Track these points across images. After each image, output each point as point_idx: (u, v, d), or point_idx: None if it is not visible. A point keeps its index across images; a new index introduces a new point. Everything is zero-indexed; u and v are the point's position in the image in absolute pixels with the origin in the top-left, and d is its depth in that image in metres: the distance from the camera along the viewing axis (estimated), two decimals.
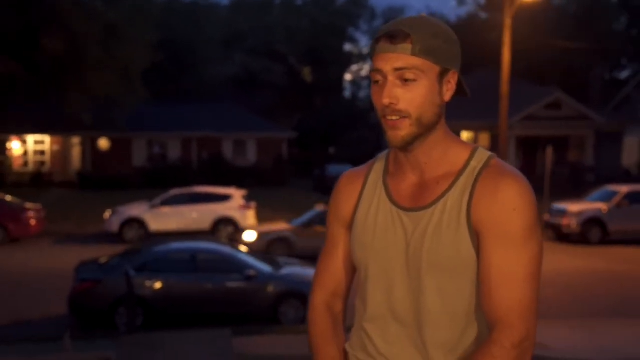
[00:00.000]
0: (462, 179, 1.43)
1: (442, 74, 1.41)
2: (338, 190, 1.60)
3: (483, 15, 41.17)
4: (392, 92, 1.39)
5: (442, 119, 1.45)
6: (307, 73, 44.60)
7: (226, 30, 41.75)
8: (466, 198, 1.40)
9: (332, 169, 28.44)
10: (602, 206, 15.54)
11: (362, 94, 52.17)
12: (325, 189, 26.98)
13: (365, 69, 50.78)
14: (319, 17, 45.63)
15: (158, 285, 8.59)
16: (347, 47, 49.88)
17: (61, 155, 29.07)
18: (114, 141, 28.91)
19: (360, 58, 50.27)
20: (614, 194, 15.93)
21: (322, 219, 13.24)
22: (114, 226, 15.65)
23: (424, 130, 1.42)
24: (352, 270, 1.60)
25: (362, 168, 1.60)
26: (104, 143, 28.89)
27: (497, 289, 1.36)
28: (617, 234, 15.48)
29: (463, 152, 1.47)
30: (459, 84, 1.47)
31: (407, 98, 1.39)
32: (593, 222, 15.28)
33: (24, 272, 12.51)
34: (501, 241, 1.36)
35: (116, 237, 15.47)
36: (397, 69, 1.38)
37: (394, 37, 1.38)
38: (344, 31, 48.03)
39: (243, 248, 10.44)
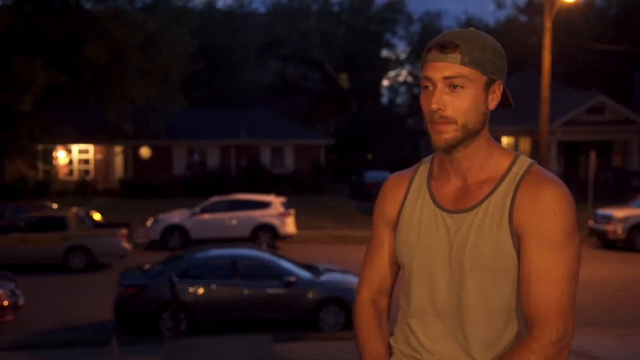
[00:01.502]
0: (504, 184, 1.50)
1: (488, 84, 1.50)
2: (384, 192, 1.68)
3: (522, 18, 40.63)
4: (440, 99, 1.47)
5: (486, 127, 1.53)
6: (343, 79, 44.64)
7: (262, 37, 42.12)
8: (508, 202, 1.48)
9: (369, 175, 28.38)
10: None
11: (399, 99, 52.01)
12: (362, 195, 26.95)
13: (403, 74, 50.60)
14: (356, 23, 45.65)
15: (200, 291, 8.72)
16: (384, 52, 49.79)
17: (104, 164, 29.71)
18: (154, 149, 29.41)
19: (398, 63, 50.10)
20: None
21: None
22: (156, 233, 15.92)
23: (468, 135, 1.49)
24: (397, 268, 1.67)
25: (407, 171, 1.68)
26: (145, 151, 29.43)
27: (536, 289, 1.43)
28: None
29: (505, 159, 1.54)
30: (504, 95, 1.55)
31: (454, 105, 1.46)
32: (637, 228, 14.91)
33: (72, 279, 12.82)
34: (542, 243, 1.43)
35: (158, 244, 15.74)
36: (446, 77, 1.46)
37: (444, 47, 1.47)
38: (381, 36, 47.94)
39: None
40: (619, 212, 15.31)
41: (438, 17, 49.02)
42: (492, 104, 1.52)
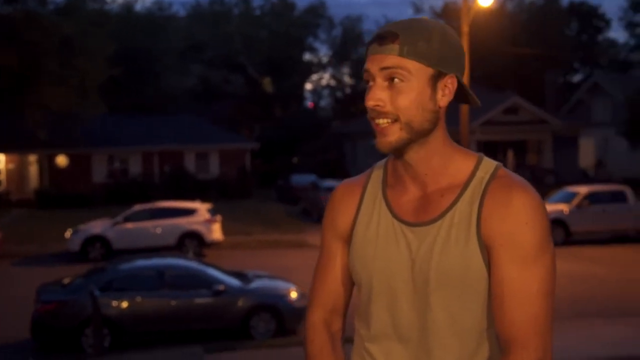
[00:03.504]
0: (469, 191, 1.35)
1: (436, 78, 1.33)
2: (334, 202, 1.51)
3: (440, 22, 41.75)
4: (377, 94, 1.32)
5: (440, 127, 1.37)
6: (267, 83, 44.53)
7: (184, 41, 41.41)
8: (475, 211, 1.33)
9: (295, 178, 28.37)
10: (563, 207, 15.86)
11: (322, 102, 52.37)
12: (289, 199, 26.91)
13: (326, 78, 51.01)
14: (278, 27, 45.68)
15: (124, 304, 8.39)
16: (307, 56, 50.04)
17: (17, 174, 28.31)
18: (72, 157, 28.29)
19: (320, 67, 50.46)
20: (574, 195, 16.28)
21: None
22: (76, 245, 15.27)
23: (415, 136, 1.34)
24: (351, 285, 1.51)
25: (359, 178, 1.51)
26: (62, 160, 28.25)
27: (510, 306, 1.28)
28: (579, 235, 15.81)
29: (467, 162, 1.39)
30: (462, 91, 1.39)
31: (393, 100, 1.31)
32: (555, 223, 15.56)
33: None
34: (514, 256, 1.29)
35: (78, 257, 15.11)
36: (383, 68, 1.31)
37: (383, 38, 1.33)
38: (303, 40, 48.17)
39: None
40: None
41: (359, 22, 49.76)
42: (444, 100, 1.35)
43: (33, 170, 28.61)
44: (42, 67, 21.32)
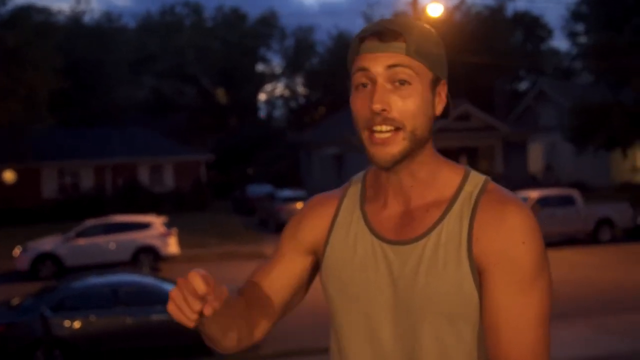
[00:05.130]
0: (457, 206, 1.21)
1: (434, 83, 1.22)
2: (303, 214, 1.35)
3: None
4: (384, 96, 1.16)
5: (431, 136, 1.24)
6: (221, 94, 44.27)
7: (134, 53, 40.85)
8: (465, 228, 1.19)
9: (251, 189, 28.23)
10: None
11: (276, 113, 52.33)
12: (246, 209, 26.73)
13: (279, 88, 51.02)
14: (230, 38, 45.52)
15: (78, 323, 8.16)
16: (260, 67, 49.98)
17: None
18: (20, 172, 27.47)
19: (273, 77, 50.46)
20: (525, 199, 16.65)
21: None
22: (25, 264, 14.80)
23: (416, 146, 1.20)
24: (283, 295, 1.33)
25: (335, 192, 1.36)
26: (9, 175, 27.40)
27: (506, 335, 1.15)
28: None
29: (454, 175, 1.26)
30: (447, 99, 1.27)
31: (400, 105, 1.17)
32: None
33: None
34: (509, 279, 1.16)
35: (28, 275, 14.64)
36: (390, 66, 1.17)
37: (384, 35, 1.18)
38: (256, 51, 48.12)
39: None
40: None
41: (311, 32, 50.01)
42: (439, 108, 1.23)
43: None
44: None
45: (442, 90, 1.24)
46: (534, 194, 16.86)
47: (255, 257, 16.41)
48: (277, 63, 53.74)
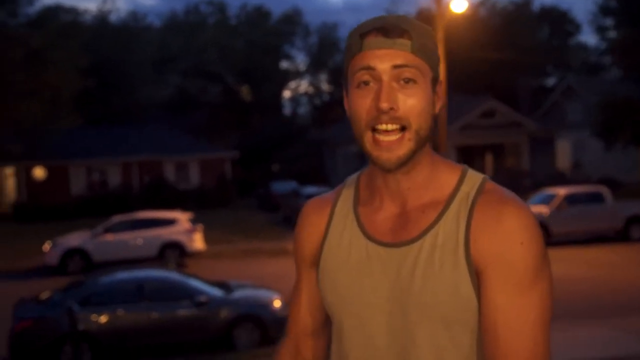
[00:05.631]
0: (454, 207, 1.19)
1: (434, 82, 1.21)
2: (301, 222, 1.35)
3: None
4: (391, 95, 1.14)
5: (431, 136, 1.23)
6: (245, 92, 44.47)
7: (159, 52, 41.23)
8: (462, 230, 1.16)
9: (276, 186, 28.30)
10: (543, 209, 15.97)
11: (301, 110, 52.41)
12: (270, 206, 26.82)
13: (303, 85, 51.07)
14: (254, 36, 45.68)
15: (104, 318, 8.26)
16: (284, 64, 50.09)
17: None
18: (49, 170, 27.93)
19: (297, 75, 50.52)
20: (553, 196, 16.42)
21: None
22: (54, 259, 15.03)
23: (420, 146, 1.18)
24: (323, 311, 1.36)
25: (329, 195, 1.35)
26: (39, 172, 27.87)
27: (504, 339, 1.11)
28: (559, 236, 15.93)
29: (451, 174, 1.23)
30: None
31: (407, 103, 1.15)
32: None
33: None
34: (508, 281, 1.13)
35: (57, 270, 14.87)
36: (396, 66, 1.14)
37: (388, 31, 1.15)
38: (279, 49, 48.21)
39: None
40: None
41: (335, 29, 49.95)
42: (438, 106, 1.22)
43: (10, 183, 28.19)
44: (10, 80, 21.04)
45: (440, 89, 1.22)
46: (562, 190, 16.61)
47: (279, 254, 16.45)
48: (301, 60, 53.72)
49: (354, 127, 1.19)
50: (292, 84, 50.85)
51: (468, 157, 29.08)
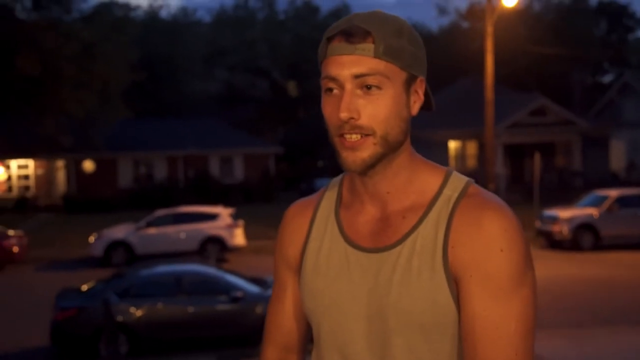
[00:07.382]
0: (434, 212, 1.15)
1: (409, 82, 1.15)
2: (283, 226, 1.32)
3: (465, 24, 41.40)
4: (351, 104, 1.11)
5: (408, 138, 1.18)
6: (292, 87, 44.58)
7: (208, 47, 41.73)
8: (441, 235, 1.13)
9: (319, 182, 28.28)
10: (593, 211, 15.45)
11: None
12: None
13: None
14: (301, 31, 45.75)
15: (142, 310, 8.34)
16: None
17: (46, 179, 28.70)
18: (98, 162, 28.60)
19: None
20: (604, 198, 15.85)
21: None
22: (99, 250, 15.35)
23: (389, 150, 1.14)
24: (306, 319, 1.33)
25: (312, 198, 1.32)
26: (88, 165, 28.58)
27: (484, 348, 1.07)
28: (609, 239, 15.38)
29: (434, 178, 1.19)
30: (426, 95, 1.20)
31: (369, 111, 1.11)
32: (584, 227, 15.17)
33: (3, 302, 12.19)
34: (487, 288, 1.09)
35: (102, 262, 15.18)
36: (357, 76, 1.11)
37: (351, 35, 1.12)
38: None
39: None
40: (564, 213, 15.56)
41: None
42: (415, 107, 1.17)
43: (61, 175, 28.99)
44: (63, 73, 21.62)
45: (419, 88, 1.17)
46: (614, 192, 16.01)
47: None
48: None
49: (328, 130, 1.18)
50: None
51: (516, 155, 28.40)
